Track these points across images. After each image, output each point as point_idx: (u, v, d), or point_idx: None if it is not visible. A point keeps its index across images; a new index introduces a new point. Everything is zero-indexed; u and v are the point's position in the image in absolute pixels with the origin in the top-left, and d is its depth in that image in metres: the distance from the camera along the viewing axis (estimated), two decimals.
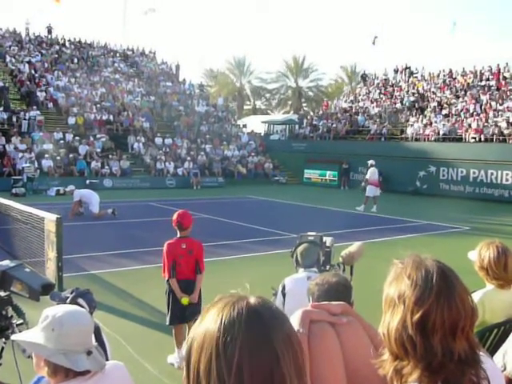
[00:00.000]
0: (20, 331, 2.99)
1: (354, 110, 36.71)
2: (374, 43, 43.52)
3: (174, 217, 5.80)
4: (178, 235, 5.80)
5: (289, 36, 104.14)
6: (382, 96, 37.22)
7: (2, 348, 3.03)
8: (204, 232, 12.19)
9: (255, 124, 43.72)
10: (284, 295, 4.36)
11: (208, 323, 1.11)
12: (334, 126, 35.18)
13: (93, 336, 2.25)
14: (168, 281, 5.71)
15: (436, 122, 30.01)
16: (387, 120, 33.25)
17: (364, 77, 42.55)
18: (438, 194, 25.94)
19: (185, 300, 5.58)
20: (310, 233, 5.13)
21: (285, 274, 4.69)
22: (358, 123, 34.54)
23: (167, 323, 5.80)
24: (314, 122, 37.54)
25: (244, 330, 1.06)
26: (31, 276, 3.24)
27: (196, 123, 36.07)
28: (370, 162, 21.10)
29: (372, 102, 36.76)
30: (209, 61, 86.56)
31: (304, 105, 63.46)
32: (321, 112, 40.32)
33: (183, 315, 5.66)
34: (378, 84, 39.55)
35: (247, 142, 36.42)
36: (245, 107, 65.22)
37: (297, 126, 39.73)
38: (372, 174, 20.52)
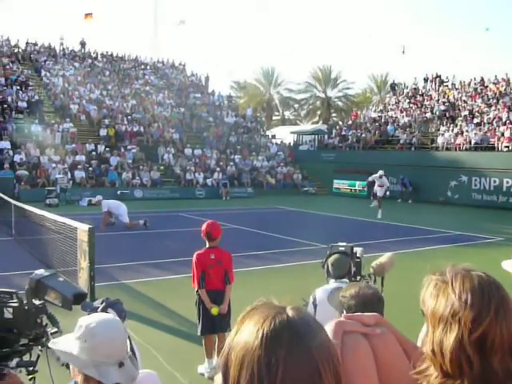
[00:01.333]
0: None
1: (383, 120, 36.45)
2: (403, 52, 43.28)
3: (203, 227, 5.82)
4: (207, 245, 5.81)
5: (317, 46, 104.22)
6: (411, 105, 36.90)
7: (38, 356, 3.08)
8: (233, 242, 12.22)
9: (284, 134, 43.73)
10: (315, 306, 4.31)
11: (247, 337, 1.08)
12: (364, 135, 34.98)
13: (127, 345, 2.26)
14: (198, 291, 5.72)
15: (467, 130, 29.58)
16: (417, 129, 32.92)
17: (393, 86, 42.27)
18: (470, 204, 25.49)
19: (214, 310, 5.59)
20: (340, 243, 5.09)
21: (315, 284, 4.66)
22: (388, 133, 34.27)
23: (198, 334, 5.80)
24: (343, 132, 37.39)
25: (287, 346, 1.04)
26: (64, 285, 3.29)
27: (225, 134, 36.30)
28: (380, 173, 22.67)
29: (402, 112, 36.45)
30: (237, 72, 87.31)
31: (333, 115, 63.28)
32: (350, 122, 40.14)
33: (213, 326, 5.67)
34: (408, 93, 39.22)
35: (276, 153, 36.46)
36: (273, 118, 65.35)
37: (326, 136, 39.62)
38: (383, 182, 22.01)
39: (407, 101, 37.92)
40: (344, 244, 5.00)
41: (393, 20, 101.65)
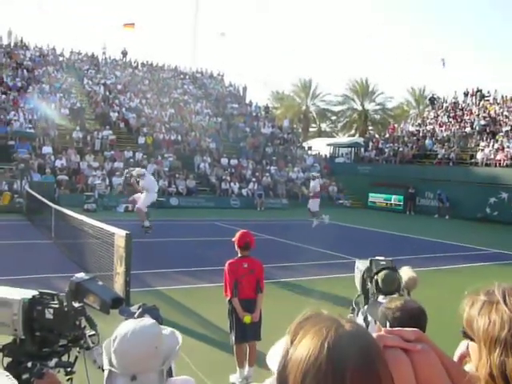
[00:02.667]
0: (92, 342, 3.12)
1: (421, 134, 36.02)
2: (443, 65, 42.78)
3: (237, 236, 5.88)
4: (239, 255, 5.87)
5: (355, 59, 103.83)
6: (450, 120, 36.37)
7: (76, 357, 3.16)
8: (265, 253, 12.26)
9: (320, 146, 43.64)
10: (367, 325, 4.15)
11: (309, 349, 1.03)
12: (401, 149, 34.62)
13: (156, 360, 2.25)
14: (230, 300, 5.76)
15: (509, 146, 28.97)
16: (456, 144, 32.41)
17: (432, 100, 41.76)
18: (510, 222, 24.88)
19: (247, 318, 5.61)
20: (378, 257, 5.02)
21: (347, 297, 4.64)
22: (426, 147, 33.83)
23: (232, 343, 5.83)
24: (380, 146, 37.08)
25: (354, 359, 1.01)
26: (103, 289, 3.37)
27: (261, 145, 36.43)
28: (313, 174, 21.95)
29: (440, 126, 35.97)
30: (275, 83, 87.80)
31: (370, 128, 62.83)
32: (387, 135, 39.82)
33: (245, 334, 5.70)
34: (447, 107, 38.69)
35: (312, 165, 36.38)
36: (310, 130, 65.27)
37: (362, 149, 39.38)
38: (314, 186, 20.97)
39: (446, 115, 37.40)
40: (383, 258, 4.94)
41: (432, 32, 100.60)
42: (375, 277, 4.45)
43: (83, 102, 34.59)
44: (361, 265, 4.99)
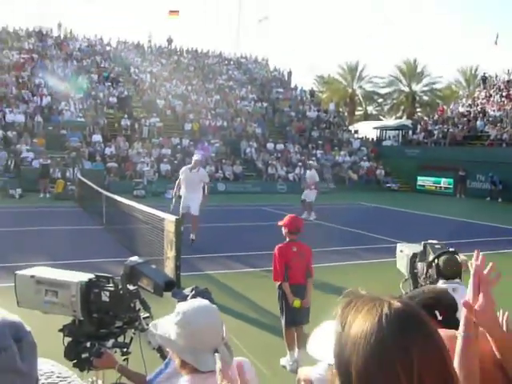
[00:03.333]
0: (147, 324, 3.20)
1: (472, 115, 34.98)
2: (496, 43, 41.32)
3: (286, 221, 5.88)
4: (287, 239, 5.87)
5: (403, 39, 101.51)
6: (503, 99, 35.15)
7: (131, 338, 3.25)
8: (313, 237, 12.26)
9: (367, 130, 43.02)
10: None
11: (368, 327, 1.06)
12: (451, 131, 33.75)
13: (223, 332, 2.32)
14: (280, 285, 5.78)
15: None
16: (509, 124, 31.32)
17: (484, 79, 40.46)
18: None
19: (297, 303, 5.63)
20: (431, 241, 4.91)
21: (396, 282, 4.59)
22: (477, 128, 32.86)
23: (283, 327, 5.87)
24: (429, 128, 36.25)
25: (415, 331, 1.06)
26: (156, 272, 3.45)
27: (307, 129, 36.21)
28: (310, 162, 20.53)
29: (492, 106, 34.83)
30: (320, 66, 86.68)
31: (418, 110, 61.43)
32: (436, 117, 38.86)
33: (295, 319, 5.73)
34: (500, 87, 37.40)
35: (358, 148, 35.95)
36: (356, 113, 64.33)
37: (410, 132, 38.59)
38: (312, 176, 19.06)
39: (499, 94, 36.16)
40: (436, 242, 4.82)
41: (484, 8, 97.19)
42: (436, 261, 4.29)
43: (130, 90, 35.13)
44: (406, 249, 4.90)
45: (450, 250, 4.44)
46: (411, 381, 1.01)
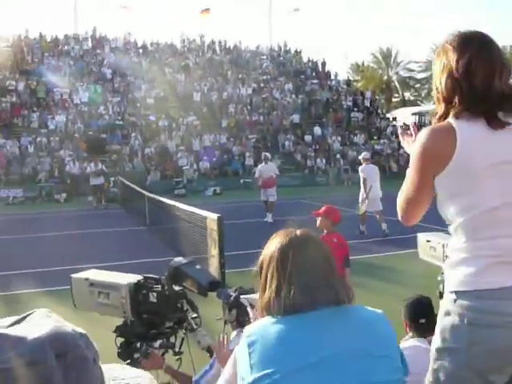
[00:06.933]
0: (196, 324, 3.25)
1: None
2: None
3: (327, 211, 5.89)
4: (325, 232, 5.87)
5: (439, 21, 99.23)
6: None
7: (183, 339, 3.31)
8: (353, 228, 12.24)
9: (405, 116, 42.30)
10: None
11: (271, 248, 1.80)
12: None
13: None
14: None
15: None
16: None
17: None
18: None
19: None
20: None
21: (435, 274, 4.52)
22: None
23: None
24: None
25: (294, 248, 1.74)
26: (200, 273, 3.49)
27: (344, 119, 35.87)
28: (265, 153, 16.95)
29: None
30: (354, 55, 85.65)
31: None
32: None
33: None
34: None
35: (397, 135, 35.31)
36: (393, 100, 63.33)
37: None
38: (264, 170, 16.14)
39: None
40: None
41: None
42: None
43: (166, 90, 35.44)
44: (435, 238, 4.78)
45: None
46: (284, 274, 1.69)
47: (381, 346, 1.61)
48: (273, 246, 1.78)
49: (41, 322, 1.10)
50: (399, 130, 2.67)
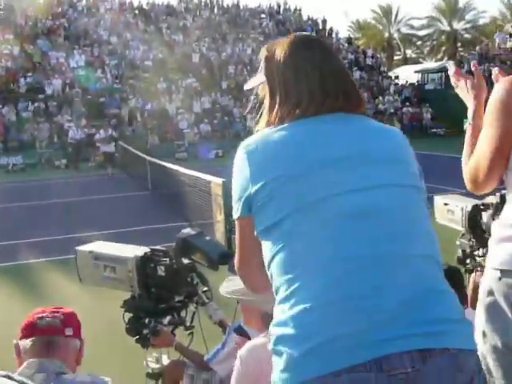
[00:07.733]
0: (207, 298, 3.10)
1: None
2: None
3: None
4: None
5: None
6: None
7: (194, 313, 3.16)
8: None
9: (407, 74, 41.69)
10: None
11: (283, 47, 1.67)
12: (496, 69, 32.24)
13: None
14: None
15: None
16: None
17: None
18: None
19: None
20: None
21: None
22: None
23: None
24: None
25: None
26: (210, 245, 3.27)
27: None
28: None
29: None
30: (354, 13, 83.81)
31: (460, 49, 59.04)
32: (479, 53, 37.08)
33: None
34: None
35: (400, 93, 34.92)
36: (395, 58, 62.41)
37: None
38: None
39: None
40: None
41: None
42: None
43: (164, 52, 34.76)
44: (453, 201, 4.45)
45: None
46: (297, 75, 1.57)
47: (395, 151, 1.54)
48: (285, 46, 1.65)
49: None
50: (451, 72, 2.37)
